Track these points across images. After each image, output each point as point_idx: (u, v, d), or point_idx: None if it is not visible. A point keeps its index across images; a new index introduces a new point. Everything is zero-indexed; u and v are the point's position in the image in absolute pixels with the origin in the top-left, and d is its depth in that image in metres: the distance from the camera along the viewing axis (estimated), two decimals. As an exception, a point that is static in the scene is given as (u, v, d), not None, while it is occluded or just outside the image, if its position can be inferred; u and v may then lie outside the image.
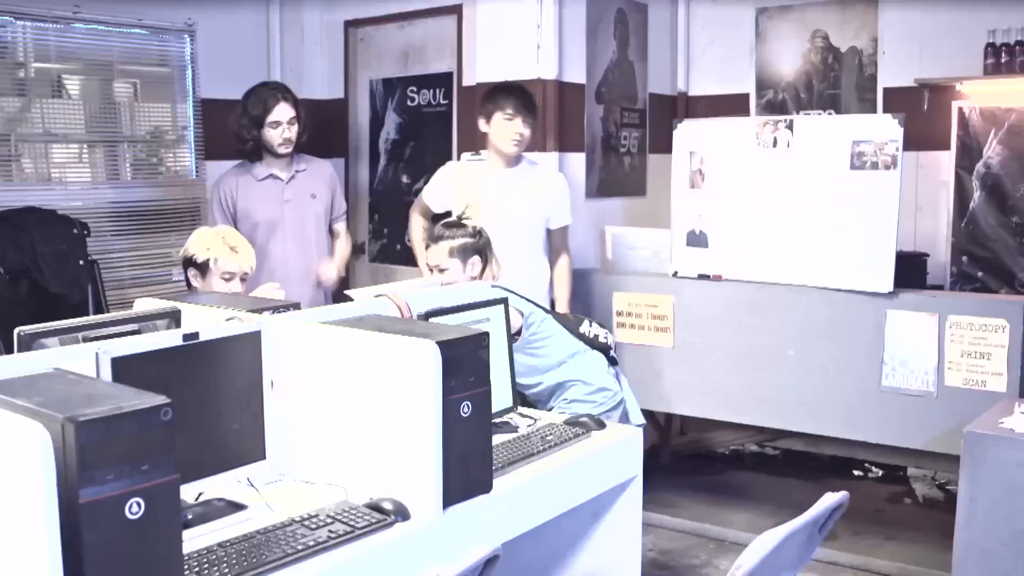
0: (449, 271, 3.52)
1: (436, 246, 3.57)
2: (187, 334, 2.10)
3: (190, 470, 2.02)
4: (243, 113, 4.27)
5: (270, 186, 4.32)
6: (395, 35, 5.59)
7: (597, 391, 3.57)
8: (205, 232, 3.53)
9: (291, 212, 4.32)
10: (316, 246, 4.43)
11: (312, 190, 4.40)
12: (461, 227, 3.61)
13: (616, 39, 5.22)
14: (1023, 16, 4.73)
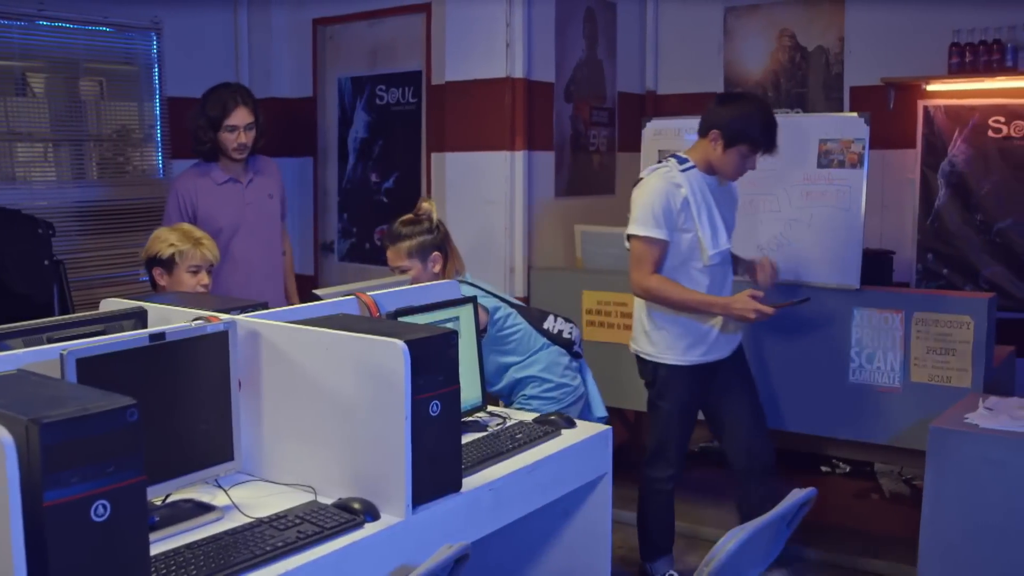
0: (411, 271, 3.51)
1: (395, 247, 3.54)
2: (153, 334, 2.09)
3: (157, 471, 2.00)
4: (201, 113, 4.22)
5: (231, 190, 4.27)
6: (364, 33, 5.58)
7: (556, 387, 3.57)
8: (165, 230, 3.52)
9: (253, 214, 4.28)
10: (278, 247, 4.43)
11: (269, 190, 4.37)
12: (419, 224, 3.57)
13: (585, 38, 5.23)
14: (987, 16, 4.78)
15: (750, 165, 3.54)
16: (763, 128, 3.46)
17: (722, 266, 3.62)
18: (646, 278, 3.53)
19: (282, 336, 2.30)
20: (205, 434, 2.20)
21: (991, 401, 3.42)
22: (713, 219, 3.53)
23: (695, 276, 3.56)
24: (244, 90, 4.30)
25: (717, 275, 3.60)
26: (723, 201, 3.63)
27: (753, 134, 3.45)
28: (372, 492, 2.12)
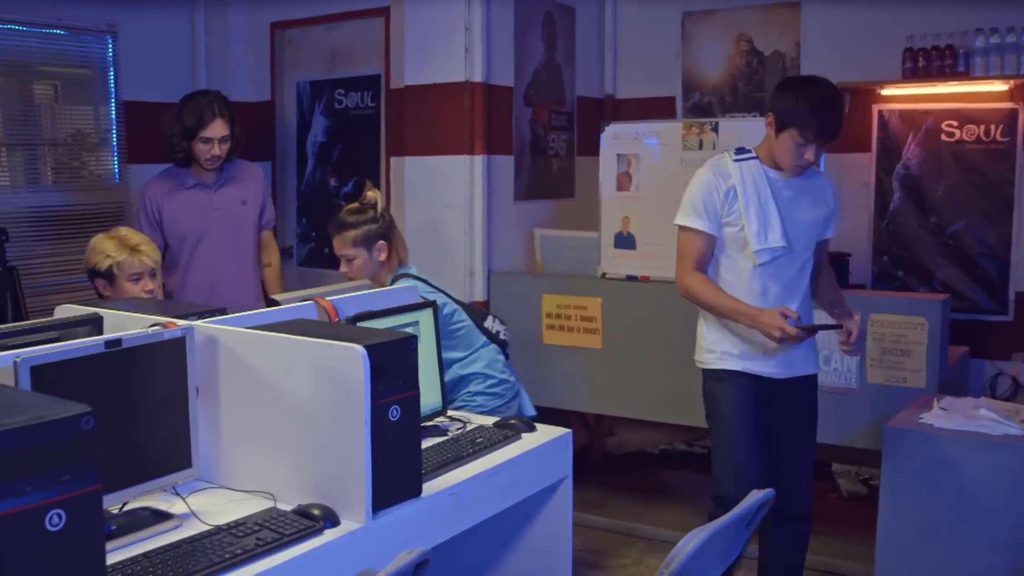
0: (356, 259, 3.60)
1: (337, 237, 3.62)
2: (109, 340, 2.07)
3: (114, 480, 1.99)
4: (176, 120, 4.18)
5: (197, 195, 4.25)
6: (322, 37, 5.56)
7: (498, 383, 3.61)
8: (101, 239, 3.44)
9: (219, 221, 4.25)
10: (250, 254, 4.37)
11: (243, 196, 4.33)
12: (364, 212, 3.63)
13: (544, 42, 5.24)
14: (939, 23, 4.85)
15: (807, 156, 3.13)
16: (812, 110, 3.07)
17: (780, 267, 3.23)
18: (686, 274, 3.26)
19: (240, 342, 2.29)
20: (162, 441, 2.18)
21: (946, 401, 3.47)
22: (766, 214, 3.17)
23: (745, 276, 3.24)
24: (221, 100, 4.24)
25: (773, 277, 3.23)
26: (793, 198, 3.24)
27: (800, 117, 3.07)
28: (332, 498, 2.11)
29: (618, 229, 4.49)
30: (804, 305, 3.32)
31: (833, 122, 3.09)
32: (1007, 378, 4.85)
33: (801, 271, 3.30)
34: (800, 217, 3.26)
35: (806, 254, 3.30)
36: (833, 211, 3.36)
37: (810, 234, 3.29)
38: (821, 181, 3.35)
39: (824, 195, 3.33)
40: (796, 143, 3.10)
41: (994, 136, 4.85)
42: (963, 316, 4.87)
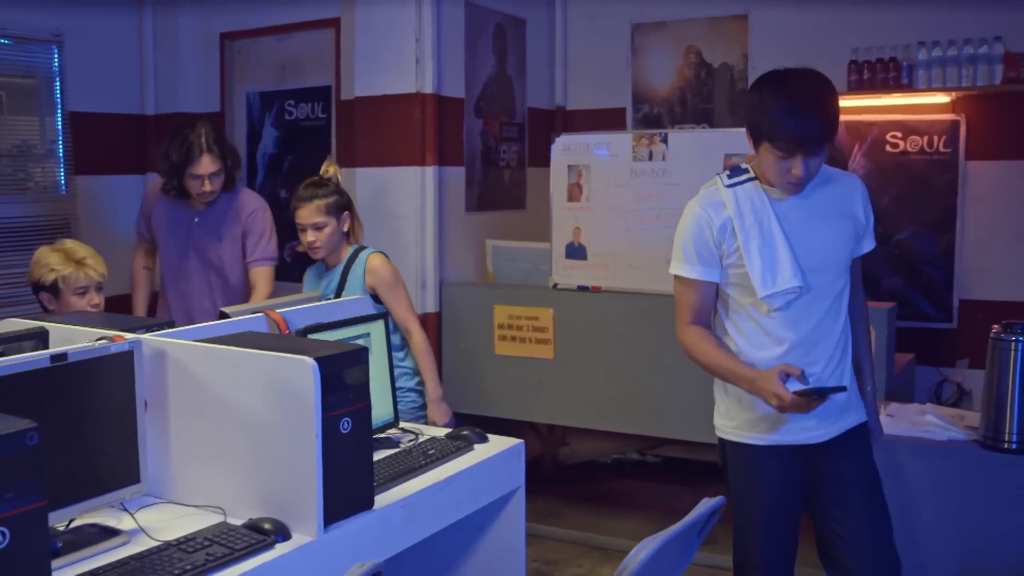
0: (326, 227, 3.68)
1: (309, 204, 3.68)
2: (55, 355, 2.04)
3: (60, 496, 1.96)
4: (165, 156, 4.01)
5: (180, 215, 4.14)
6: (272, 48, 5.53)
7: (420, 382, 3.80)
8: (46, 252, 3.37)
9: (195, 254, 4.16)
10: (232, 293, 4.19)
11: (221, 232, 4.15)
12: (326, 185, 3.75)
13: (495, 53, 5.26)
14: (883, 36, 4.94)
15: (795, 171, 2.50)
16: (781, 115, 2.47)
17: (800, 311, 2.62)
18: (683, 330, 2.73)
19: (189, 355, 2.27)
20: (110, 456, 2.15)
21: (892, 408, 3.52)
22: (770, 247, 2.58)
23: (761, 324, 2.66)
24: (211, 133, 4.01)
25: (791, 324, 2.62)
26: (805, 219, 2.62)
27: (769, 126, 2.49)
28: (283, 512, 2.10)
29: (569, 240, 4.51)
30: (836, 354, 2.69)
31: (812, 125, 2.45)
32: (952, 384, 4.94)
33: (832, 311, 2.66)
34: (818, 241, 2.62)
35: (836, 285, 2.66)
36: (862, 221, 2.70)
37: (838, 258, 2.66)
38: (841, 187, 2.69)
39: (848, 203, 2.68)
40: (776, 157, 2.50)
41: (937, 147, 4.94)
42: (908, 324, 4.94)
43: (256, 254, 4.19)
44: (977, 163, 4.91)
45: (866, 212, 2.71)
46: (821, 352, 2.65)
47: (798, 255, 2.59)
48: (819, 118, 2.46)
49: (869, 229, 2.73)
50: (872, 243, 2.76)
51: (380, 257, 3.75)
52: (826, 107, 2.49)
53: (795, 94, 2.48)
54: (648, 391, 4.32)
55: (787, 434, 2.68)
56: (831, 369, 2.67)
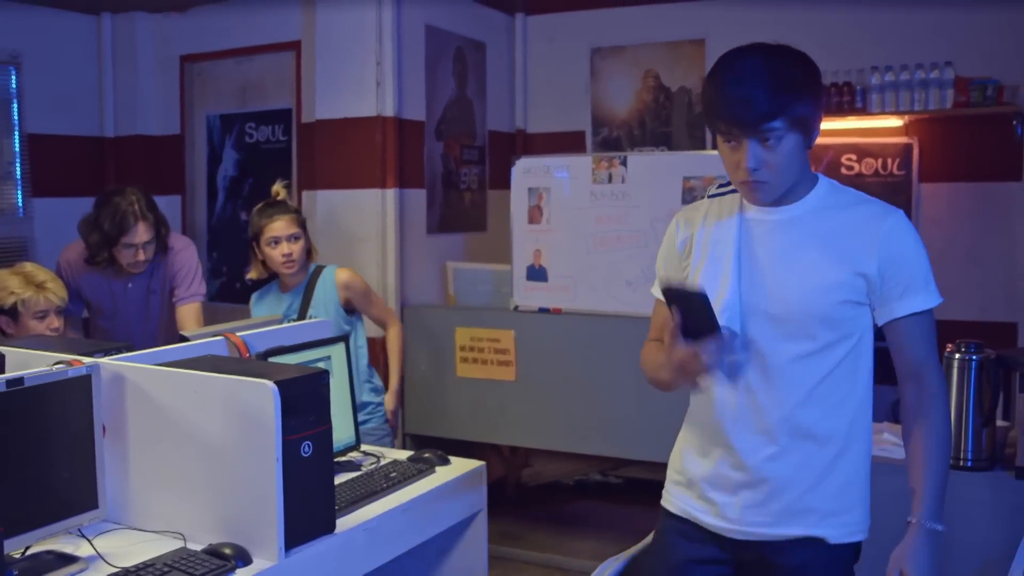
0: (301, 240, 3.72)
1: (284, 216, 3.70)
2: (11, 379, 2.02)
3: (16, 523, 1.94)
4: (94, 226, 3.79)
5: (112, 288, 4.01)
6: (232, 70, 5.52)
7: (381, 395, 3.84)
8: (5, 275, 3.31)
9: (132, 309, 4.05)
10: (165, 339, 3.98)
11: (159, 287, 4.05)
12: (287, 203, 3.82)
13: (455, 77, 5.29)
14: (838, 60, 5.02)
15: (740, 161, 1.94)
16: (716, 86, 1.95)
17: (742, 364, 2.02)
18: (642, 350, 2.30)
19: (148, 379, 2.26)
20: (67, 482, 2.13)
21: (849, 427, 3.56)
22: (714, 272, 2.05)
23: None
24: (142, 199, 3.80)
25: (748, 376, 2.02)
26: (792, 245, 2.01)
27: (707, 102, 1.99)
28: (243, 536, 2.09)
29: (530, 262, 4.53)
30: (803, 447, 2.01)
31: (750, 94, 1.89)
32: (908, 403, 4.98)
33: (796, 379, 1.99)
34: (789, 280, 1.99)
35: (801, 347, 1.98)
36: (871, 271, 1.97)
37: (809, 309, 1.97)
38: (855, 217, 2.02)
39: (854, 239, 1.99)
40: (726, 148, 1.98)
41: (891, 169, 5.02)
42: (866, 344, 4.99)
43: (185, 292, 4.03)
44: (930, 185, 5.00)
45: (890, 256, 1.97)
46: (763, 427, 2.00)
47: (749, 291, 2.00)
48: (761, 87, 1.88)
49: (900, 283, 1.98)
50: (914, 304, 1.99)
51: (346, 270, 3.80)
52: (775, 76, 1.90)
53: (734, 60, 1.96)
54: (610, 412, 4.34)
55: (695, 507, 2.13)
56: (785, 463, 2.00)
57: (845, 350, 1.99)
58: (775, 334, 1.98)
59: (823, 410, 1.99)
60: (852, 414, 2.02)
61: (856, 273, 1.97)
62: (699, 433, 2.12)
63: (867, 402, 2.06)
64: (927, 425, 2.02)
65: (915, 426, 2.04)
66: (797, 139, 1.93)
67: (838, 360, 1.99)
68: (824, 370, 1.98)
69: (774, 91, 1.89)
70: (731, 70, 1.94)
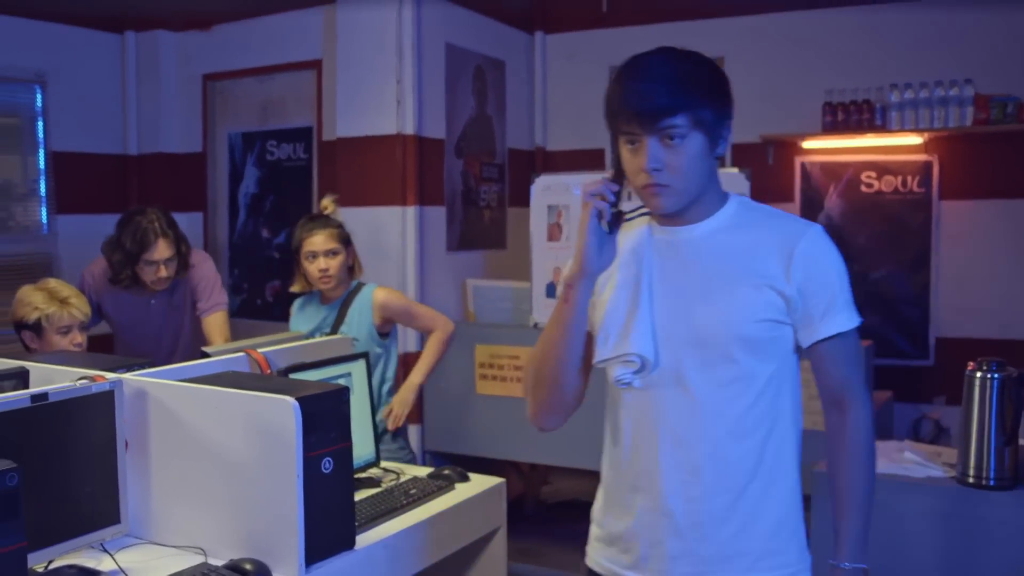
0: (340, 256, 3.66)
1: (323, 231, 3.66)
2: (35, 395, 2.04)
3: (39, 537, 1.95)
4: (116, 245, 3.86)
5: (136, 305, 4.04)
6: (254, 89, 5.57)
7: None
8: (29, 291, 3.35)
9: (157, 325, 4.10)
10: (186, 355, 4.07)
11: (180, 303, 4.10)
12: (331, 218, 3.76)
13: (474, 95, 5.31)
14: (857, 78, 5.02)
15: (640, 161, 1.79)
16: (616, 79, 1.87)
17: (649, 396, 1.87)
18: None
19: (170, 395, 2.27)
20: (90, 497, 2.15)
21: (870, 445, 3.54)
22: (623, 296, 1.88)
23: (615, 409, 2.00)
24: (163, 217, 3.88)
25: (634, 412, 1.91)
26: (692, 262, 1.87)
27: (605, 109, 1.88)
28: (264, 552, 2.10)
29: (549, 279, 4.53)
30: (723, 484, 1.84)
31: (651, 88, 1.78)
32: (930, 421, 4.97)
33: (715, 411, 1.83)
34: (698, 303, 1.84)
35: (719, 374, 1.82)
36: (788, 290, 1.82)
37: (722, 333, 1.81)
38: (767, 234, 1.87)
39: (764, 256, 1.84)
40: (627, 150, 1.84)
41: (911, 187, 5.01)
42: (886, 361, 4.98)
43: (208, 303, 4.09)
44: (950, 202, 4.99)
45: (808, 274, 1.82)
46: (686, 465, 1.83)
47: (664, 316, 1.85)
48: (663, 81, 1.78)
49: (821, 303, 1.83)
50: (837, 325, 1.84)
51: (383, 290, 3.74)
52: (678, 72, 1.81)
53: (638, 59, 1.86)
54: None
55: (618, 563, 1.97)
56: (712, 502, 1.83)
57: (768, 374, 1.83)
58: (694, 360, 1.82)
59: (749, 443, 1.83)
60: (779, 444, 1.86)
61: (774, 291, 1.81)
62: (618, 481, 1.97)
63: (794, 431, 1.90)
64: (848, 457, 1.90)
65: (837, 458, 1.92)
66: (702, 142, 1.79)
67: (761, 387, 1.83)
68: (748, 398, 1.82)
69: (676, 85, 1.78)
70: (635, 67, 1.85)
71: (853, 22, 5.13)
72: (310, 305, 3.79)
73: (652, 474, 1.86)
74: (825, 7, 5.19)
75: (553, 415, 2.01)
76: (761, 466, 1.84)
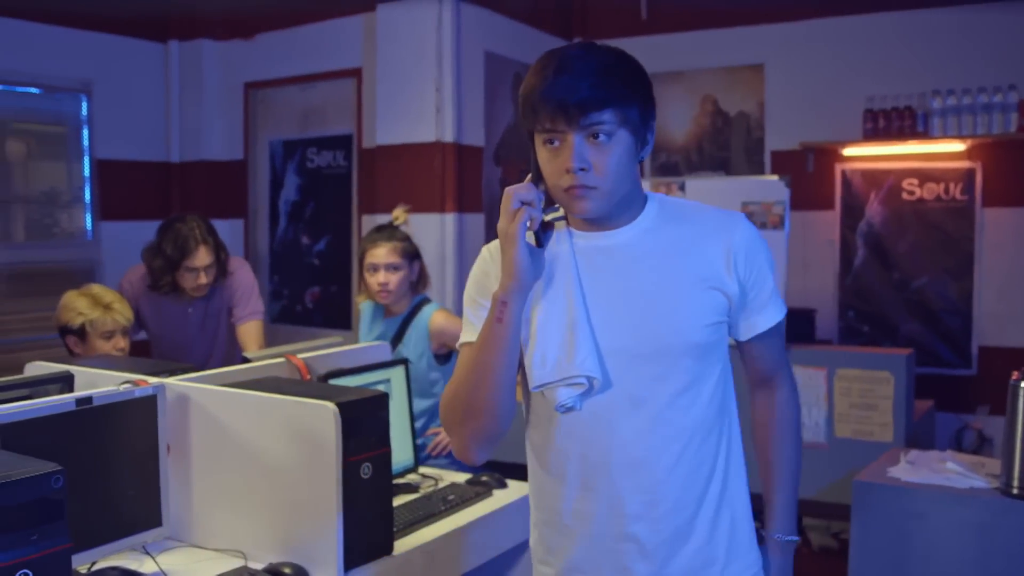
0: (401, 271, 3.50)
1: (387, 244, 3.51)
2: (80, 398, 2.07)
3: (83, 539, 1.98)
4: (157, 252, 3.89)
5: (174, 312, 4.07)
6: (295, 97, 5.61)
7: None
8: (73, 296, 3.40)
9: (194, 333, 4.12)
10: (221, 361, 4.15)
11: (217, 310, 4.12)
12: (398, 230, 3.61)
13: (513, 102, 5.32)
14: (898, 84, 4.98)
15: (564, 161, 1.64)
16: (530, 82, 1.68)
17: (608, 411, 1.70)
18: None
19: (212, 399, 2.29)
20: (133, 499, 2.17)
21: (912, 455, 3.50)
22: (556, 312, 1.70)
23: (553, 433, 1.77)
24: (202, 224, 3.91)
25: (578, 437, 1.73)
26: (626, 268, 1.72)
27: (521, 105, 1.71)
28: (303, 556, 2.11)
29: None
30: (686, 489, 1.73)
31: (574, 83, 1.61)
32: (972, 431, 4.91)
33: (667, 420, 1.70)
34: (637, 310, 1.70)
35: (672, 382, 1.70)
36: (731, 284, 1.73)
37: (681, 335, 1.70)
38: (697, 229, 1.76)
39: (702, 252, 1.73)
40: (547, 150, 1.69)
41: (953, 194, 4.96)
42: (928, 370, 4.93)
43: (244, 311, 4.09)
44: (993, 210, 4.93)
45: (748, 268, 1.74)
46: (647, 484, 1.70)
47: (604, 329, 1.70)
48: (589, 73, 1.62)
49: (761, 295, 1.77)
50: (774, 315, 1.80)
51: (442, 314, 3.55)
52: (603, 65, 1.65)
53: (558, 51, 1.69)
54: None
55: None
56: (677, 517, 1.72)
57: (716, 376, 1.75)
58: (646, 374, 1.69)
59: (706, 449, 1.74)
60: (729, 442, 1.80)
61: (719, 291, 1.72)
62: (565, 511, 1.76)
63: (737, 427, 1.83)
64: (779, 432, 1.89)
65: (767, 433, 1.90)
66: (628, 142, 1.66)
67: (711, 390, 1.74)
68: (701, 405, 1.72)
69: (603, 77, 1.63)
70: (555, 59, 1.66)
71: (894, 28, 5.09)
72: (376, 315, 3.67)
73: (611, 500, 1.71)
74: (865, 13, 5.15)
75: (486, 447, 1.78)
76: (716, 469, 1.76)
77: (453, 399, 1.75)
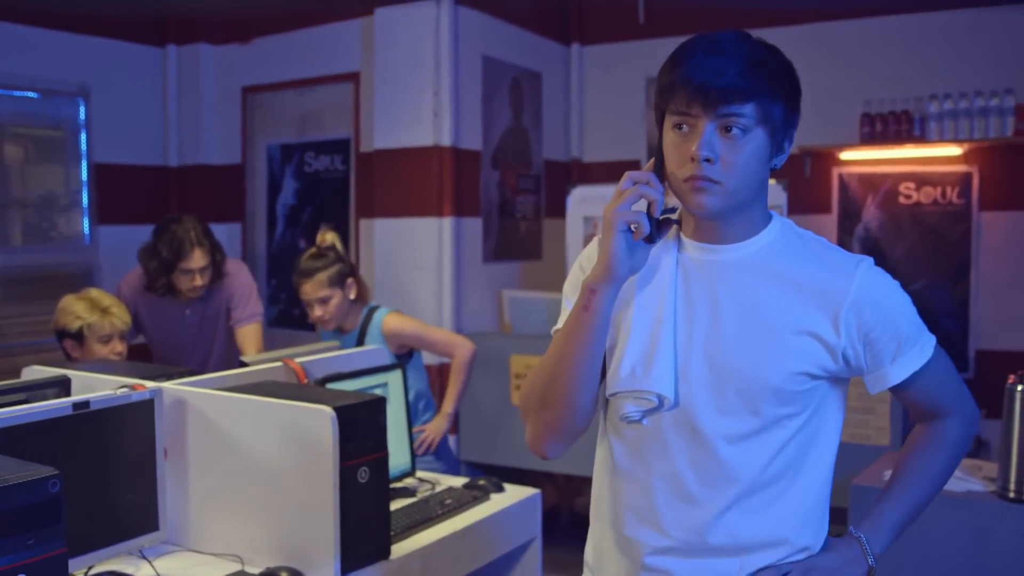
0: (333, 299, 3.61)
1: (311, 280, 3.61)
2: (77, 402, 2.07)
3: (80, 543, 1.98)
4: (152, 253, 3.91)
5: (170, 314, 4.10)
6: (293, 101, 5.62)
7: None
8: (71, 300, 3.42)
9: (191, 335, 4.14)
10: (219, 364, 4.19)
11: (215, 312, 4.15)
12: (325, 256, 3.68)
13: (511, 107, 5.33)
14: (895, 88, 4.98)
15: (692, 149, 1.52)
16: (675, 59, 1.62)
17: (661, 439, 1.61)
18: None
19: (209, 404, 2.30)
20: (129, 504, 2.17)
21: (909, 459, 3.50)
22: (645, 324, 1.60)
23: (615, 448, 1.68)
24: (198, 226, 3.92)
25: (639, 457, 1.64)
26: (736, 290, 1.59)
27: (663, 79, 1.62)
28: (300, 560, 2.12)
29: (585, 290, 4.53)
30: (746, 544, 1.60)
31: (722, 63, 1.52)
32: (970, 435, 4.90)
33: (737, 452, 1.58)
34: (742, 335, 1.57)
35: (743, 417, 1.57)
36: (835, 338, 1.56)
37: (761, 373, 1.56)
38: (819, 265, 1.61)
39: (829, 298, 1.57)
40: (676, 134, 1.57)
41: (950, 198, 4.96)
42: (926, 375, 4.93)
43: (243, 314, 4.12)
44: (990, 214, 4.93)
45: (869, 318, 1.56)
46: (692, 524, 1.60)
47: (685, 350, 1.59)
48: (738, 60, 1.52)
49: (889, 345, 1.59)
50: (910, 364, 1.60)
51: (393, 317, 3.69)
52: (756, 54, 1.55)
53: (710, 34, 1.61)
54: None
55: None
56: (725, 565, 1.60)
57: (792, 431, 1.59)
58: (710, 406, 1.57)
59: (770, 506, 1.59)
60: (802, 492, 1.62)
61: (817, 340, 1.56)
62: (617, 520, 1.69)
63: (824, 497, 1.67)
64: (930, 444, 1.71)
65: (915, 443, 1.73)
66: (763, 143, 1.54)
67: (786, 439, 1.59)
68: (767, 455, 1.58)
69: (753, 67, 1.52)
70: (706, 40, 1.57)
71: (892, 32, 5.10)
72: (333, 336, 3.76)
73: (655, 526, 1.63)
74: (864, 16, 5.16)
75: (560, 441, 1.67)
76: (776, 529, 1.61)
77: (532, 385, 1.69)
